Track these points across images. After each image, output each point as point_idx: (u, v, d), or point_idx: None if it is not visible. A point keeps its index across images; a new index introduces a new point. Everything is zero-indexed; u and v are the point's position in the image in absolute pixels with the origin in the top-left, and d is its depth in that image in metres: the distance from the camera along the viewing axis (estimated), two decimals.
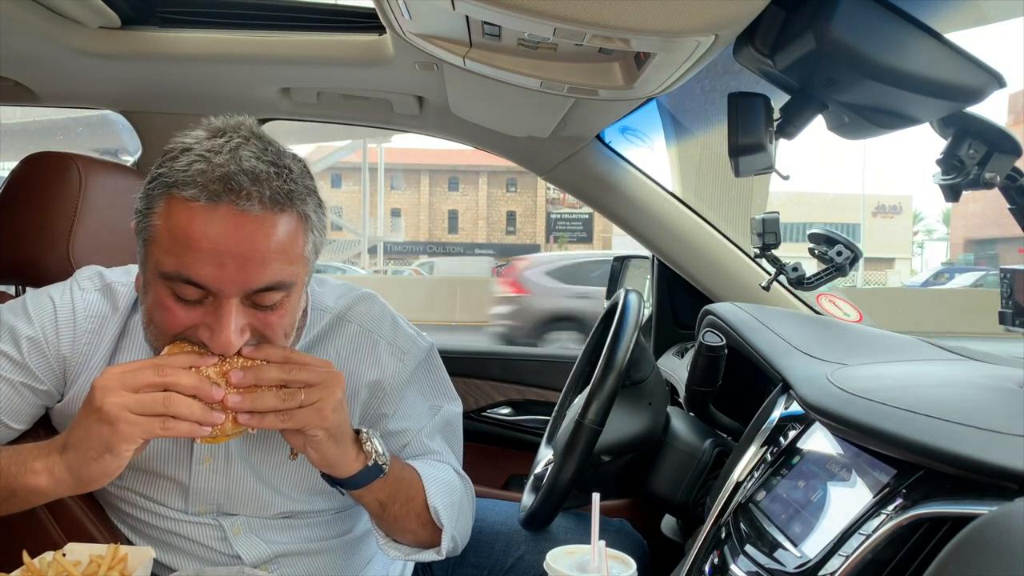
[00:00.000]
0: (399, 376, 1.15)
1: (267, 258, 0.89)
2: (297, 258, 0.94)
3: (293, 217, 0.92)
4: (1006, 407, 0.82)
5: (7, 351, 1.04)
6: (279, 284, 0.92)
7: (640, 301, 1.30)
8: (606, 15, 0.79)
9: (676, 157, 2.18)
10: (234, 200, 0.87)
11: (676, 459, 1.29)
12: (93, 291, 1.09)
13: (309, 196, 0.94)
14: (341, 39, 1.45)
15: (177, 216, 0.89)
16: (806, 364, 1.08)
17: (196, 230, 0.87)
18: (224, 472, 1.10)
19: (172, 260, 0.89)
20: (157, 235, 0.91)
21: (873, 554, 0.72)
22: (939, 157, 0.93)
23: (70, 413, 1.05)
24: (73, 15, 1.35)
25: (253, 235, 0.88)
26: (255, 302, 0.92)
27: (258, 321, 0.93)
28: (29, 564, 0.85)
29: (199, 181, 0.87)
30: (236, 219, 0.88)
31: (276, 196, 0.89)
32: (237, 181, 0.87)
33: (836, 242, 1.46)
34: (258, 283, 0.90)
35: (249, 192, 0.87)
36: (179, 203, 0.89)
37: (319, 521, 1.18)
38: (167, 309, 0.92)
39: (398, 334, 1.16)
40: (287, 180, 0.90)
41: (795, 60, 0.82)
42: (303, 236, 0.94)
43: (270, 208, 0.89)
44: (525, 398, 2.06)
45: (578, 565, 0.79)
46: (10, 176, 1.27)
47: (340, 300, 1.16)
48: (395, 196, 36.63)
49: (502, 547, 1.34)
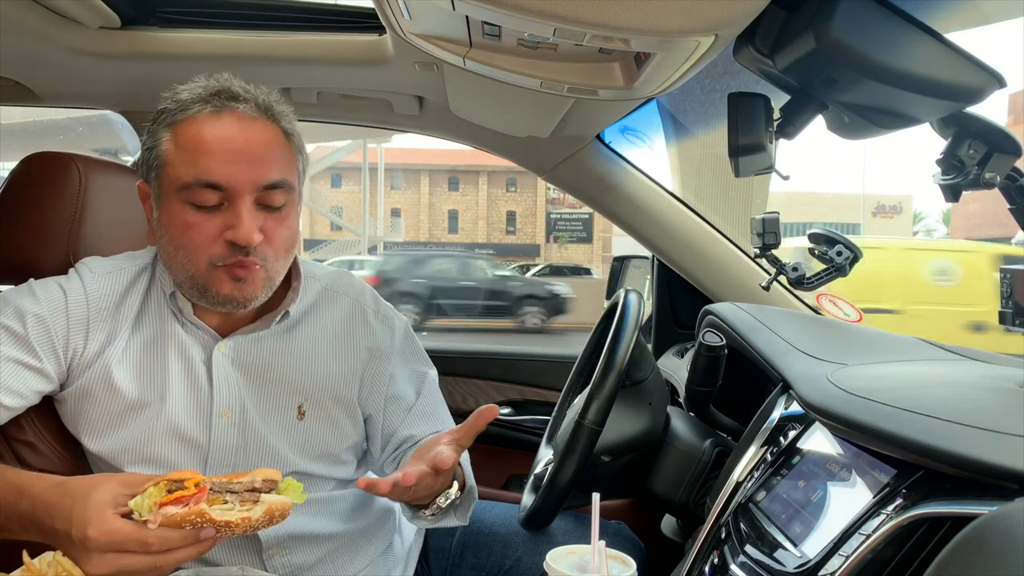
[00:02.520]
0: (390, 344, 1.24)
1: (269, 156, 1.04)
2: (292, 166, 1.08)
3: (280, 130, 1.07)
4: (1006, 407, 0.82)
5: (9, 325, 1.04)
6: (283, 182, 1.04)
7: (640, 301, 1.30)
8: (606, 15, 0.79)
9: (676, 157, 2.18)
10: (234, 105, 1.03)
11: (676, 459, 1.29)
12: (103, 273, 1.12)
13: (287, 117, 1.09)
14: (341, 39, 1.45)
15: (186, 132, 1.02)
16: (806, 364, 1.08)
17: (206, 135, 1.01)
18: (240, 427, 1.12)
19: (189, 169, 1.01)
20: (169, 157, 1.03)
21: (873, 554, 0.72)
22: (939, 157, 0.93)
23: (80, 405, 1.09)
24: (73, 15, 1.35)
25: (256, 135, 1.03)
26: (264, 202, 1.04)
27: (267, 226, 1.04)
28: (29, 564, 0.85)
29: (202, 96, 1.03)
30: (239, 121, 1.03)
31: (266, 106, 1.05)
32: (233, 91, 1.04)
33: (836, 242, 1.46)
34: (267, 178, 1.02)
35: (246, 98, 1.04)
36: (186, 122, 1.02)
37: (327, 498, 1.19)
38: (190, 225, 1.02)
39: (379, 305, 1.27)
40: (268, 96, 1.07)
41: (795, 60, 0.82)
42: (292, 151, 1.09)
43: (263, 114, 1.05)
44: (525, 398, 2.06)
45: (578, 565, 0.79)
46: (10, 176, 1.27)
47: (323, 273, 1.25)
48: (395, 196, 36.63)
49: (500, 548, 1.34)
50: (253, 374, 1.14)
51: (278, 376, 1.15)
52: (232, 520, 0.83)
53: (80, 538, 0.83)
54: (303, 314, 1.19)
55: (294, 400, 1.16)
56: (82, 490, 0.86)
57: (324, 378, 1.18)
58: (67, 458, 1.12)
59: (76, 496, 0.86)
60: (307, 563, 1.18)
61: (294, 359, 1.17)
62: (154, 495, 0.83)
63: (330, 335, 1.20)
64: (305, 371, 1.17)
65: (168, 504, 0.82)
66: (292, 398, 1.16)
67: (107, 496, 0.85)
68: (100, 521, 0.83)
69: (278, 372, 1.15)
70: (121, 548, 0.83)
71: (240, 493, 0.85)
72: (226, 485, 0.85)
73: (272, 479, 0.87)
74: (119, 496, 0.85)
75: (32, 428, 1.11)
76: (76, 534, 0.83)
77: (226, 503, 0.84)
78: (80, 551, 0.84)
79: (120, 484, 0.87)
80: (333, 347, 1.20)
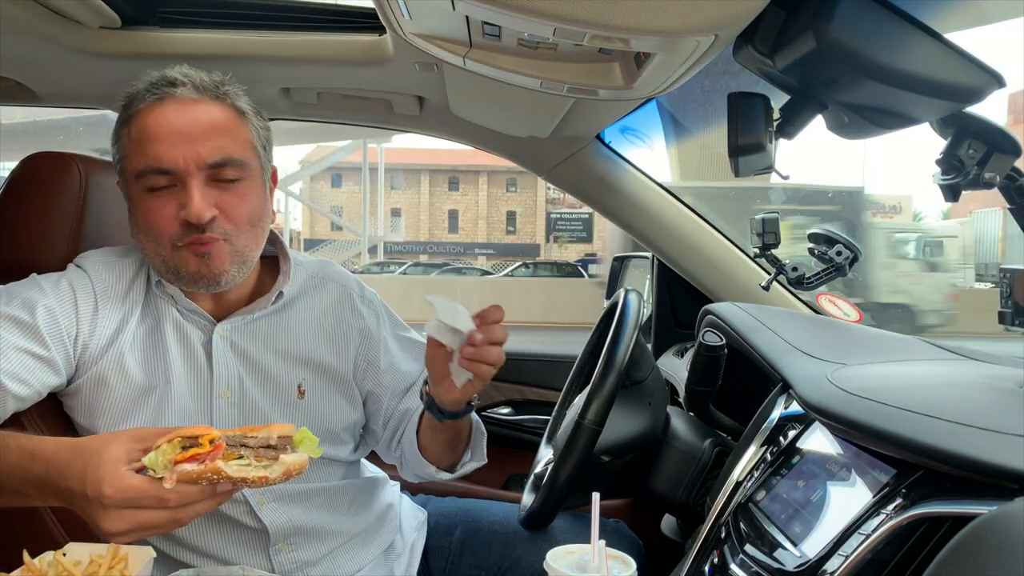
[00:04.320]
0: (378, 325, 1.28)
1: (210, 133, 1.07)
2: (244, 143, 1.11)
3: (228, 107, 1.11)
4: (1006, 407, 0.82)
5: (18, 315, 1.05)
6: (230, 159, 1.08)
7: (640, 301, 1.30)
8: (606, 15, 0.79)
9: (676, 157, 2.18)
10: (173, 91, 1.07)
11: (676, 459, 1.29)
12: (107, 264, 1.16)
13: (237, 93, 1.13)
14: (341, 39, 1.45)
15: (136, 124, 1.08)
16: (806, 364, 1.08)
17: (150, 124, 1.06)
18: (240, 406, 1.15)
19: (140, 158, 1.06)
20: (128, 151, 1.09)
21: (873, 554, 0.72)
22: (939, 157, 0.93)
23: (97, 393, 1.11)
24: (73, 15, 1.35)
25: (198, 115, 1.07)
26: (215, 178, 1.07)
27: (223, 202, 1.08)
28: (29, 564, 0.85)
29: (146, 89, 1.08)
30: (179, 106, 1.07)
31: (207, 86, 1.09)
32: (172, 78, 1.08)
33: (836, 242, 1.46)
34: (209, 156, 1.06)
35: (184, 84, 1.08)
36: (136, 115, 1.08)
37: (329, 488, 1.21)
38: (150, 211, 1.07)
39: (363, 290, 1.31)
40: (218, 82, 1.11)
41: (795, 60, 0.82)
42: (244, 126, 1.12)
43: (204, 95, 1.09)
44: (525, 398, 2.06)
45: (578, 565, 0.79)
46: (10, 176, 1.27)
47: (308, 260, 1.30)
48: (395, 196, 36.63)
49: (500, 547, 1.34)
50: (251, 354, 1.17)
51: (275, 355, 1.19)
52: (248, 477, 0.83)
53: (96, 496, 0.83)
54: (295, 297, 1.23)
55: (293, 379, 1.19)
56: (94, 449, 0.86)
57: (320, 357, 1.21)
58: None
59: (89, 455, 0.85)
60: (312, 559, 1.19)
61: (290, 338, 1.20)
62: (168, 452, 0.82)
63: (321, 317, 1.24)
64: (301, 350, 1.20)
65: (183, 461, 0.82)
66: (291, 377, 1.19)
67: (120, 452, 0.85)
68: (115, 478, 0.83)
69: (275, 351, 1.19)
70: (138, 504, 0.83)
71: (255, 449, 0.84)
72: (240, 439, 0.84)
73: (286, 435, 0.86)
74: (132, 451, 0.85)
75: (33, 428, 1.11)
76: (91, 492, 0.83)
77: (241, 457, 0.84)
78: (97, 509, 0.83)
79: (132, 439, 0.86)
80: (325, 329, 1.24)
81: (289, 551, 1.18)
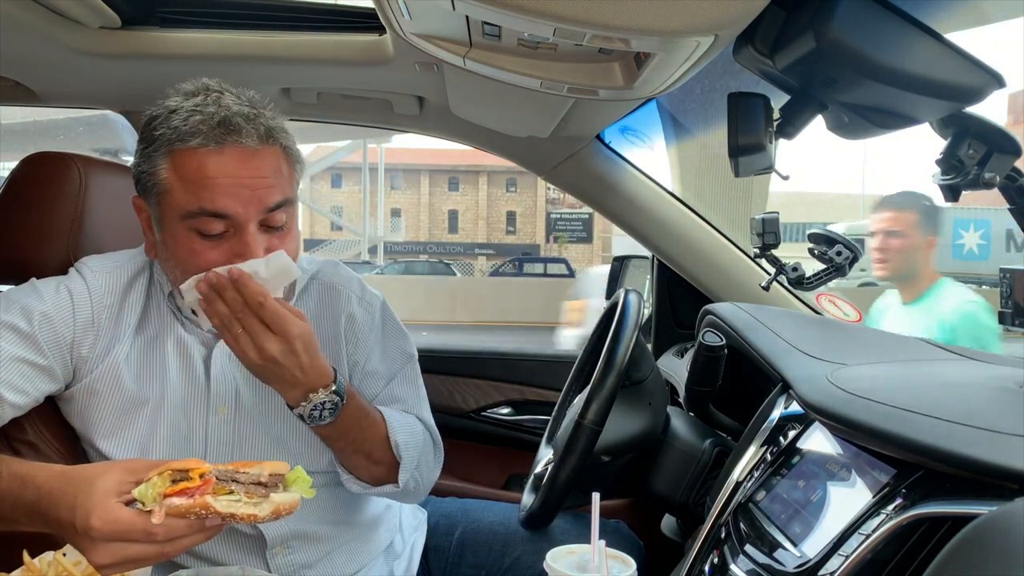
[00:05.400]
0: (370, 325, 1.26)
1: (271, 182, 1.05)
2: (292, 183, 1.11)
3: (279, 149, 1.08)
4: (1006, 407, 0.82)
5: (15, 323, 1.04)
6: (285, 201, 1.07)
7: (640, 301, 1.30)
8: (606, 15, 0.79)
9: (676, 157, 2.18)
10: (236, 139, 1.02)
11: (676, 459, 1.29)
12: (104, 272, 1.14)
13: (284, 132, 1.10)
14: (341, 39, 1.45)
15: (187, 164, 1.02)
16: (806, 364, 1.08)
17: (210, 170, 1.01)
18: (235, 424, 1.14)
19: (193, 199, 1.02)
20: (170, 185, 1.04)
21: (873, 554, 0.72)
22: (939, 157, 0.93)
23: (89, 402, 1.10)
24: (73, 15, 1.35)
25: (258, 166, 1.04)
26: (267, 224, 1.06)
27: (271, 244, 1.06)
28: (29, 564, 0.85)
29: (202, 130, 1.01)
30: (241, 154, 1.03)
31: (267, 132, 1.05)
32: (235, 123, 1.02)
33: (836, 242, 1.45)
34: (271, 202, 1.04)
35: (248, 131, 1.03)
36: (186, 154, 1.02)
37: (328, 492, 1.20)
38: (194, 252, 1.03)
39: (365, 292, 1.29)
40: (268, 119, 1.07)
41: (795, 60, 0.82)
42: (289, 165, 1.11)
43: (265, 142, 1.05)
44: (525, 398, 2.06)
45: (578, 565, 0.79)
46: (10, 176, 1.27)
47: (311, 265, 1.29)
48: (395, 196, 36.62)
49: (499, 547, 1.34)
50: None
51: None
52: (237, 513, 0.83)
53: (84, 528, 0.82)
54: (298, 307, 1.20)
55: None
56: (86, 478, 0.86)
57: None
58: (68, 458, 1.12)
59: (80, 485, 0.85)
60: (309, 561, 1.19)
61: None
62: (158, 485, 0.82)
63: (319, 326, 1.21)
64: None
65: (173, 495, 0.82)
66: None
67: (111, 484, 0.84)
68: (103, 510, 0.82)
69: None
70: (125, 537, 0.82)
71: (246, 484, 0.84)
72: (231, 474, 0.84)
73: (279, 472, 0.86)
74: (123, 483, 0.85)
75: (33, 428, 1.11)
76: (80, 524, 0.83)
77: (231, 492, 0.84)
78: (84, 540, 0.83)
79: (124, 471, 0.86)
80: (322, 338, 1.19)
81: (286, 555, 1.18)
